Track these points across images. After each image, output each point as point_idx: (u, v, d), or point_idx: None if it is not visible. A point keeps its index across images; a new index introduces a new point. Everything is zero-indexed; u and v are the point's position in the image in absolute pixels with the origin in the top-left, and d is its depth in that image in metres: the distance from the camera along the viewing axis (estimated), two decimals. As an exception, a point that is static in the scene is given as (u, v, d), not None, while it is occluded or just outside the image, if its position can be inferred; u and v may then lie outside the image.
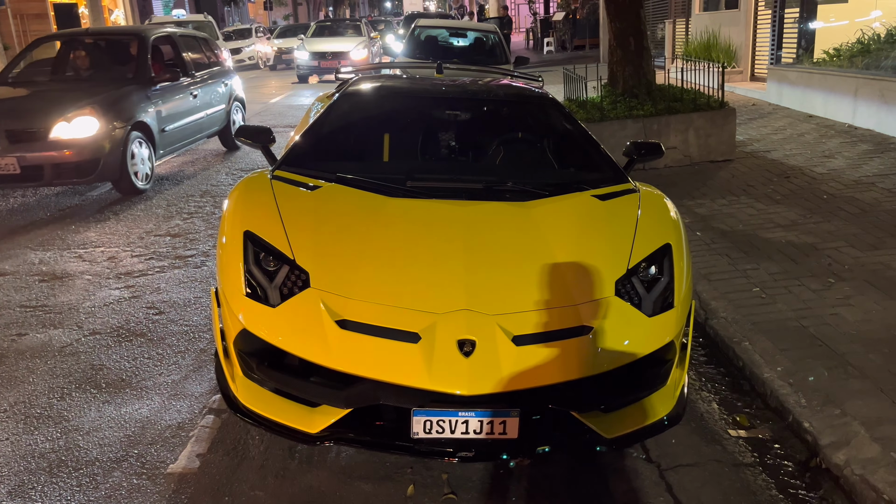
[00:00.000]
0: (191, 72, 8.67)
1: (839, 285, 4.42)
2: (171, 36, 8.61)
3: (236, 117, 9.99)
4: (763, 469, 2.98)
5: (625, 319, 2.79)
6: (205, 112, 8.79)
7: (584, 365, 2.63)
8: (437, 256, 2.94)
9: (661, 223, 3.28)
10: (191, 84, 8.53)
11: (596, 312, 2.76)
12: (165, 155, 7.95)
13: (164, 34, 8.49)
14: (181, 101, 8.18)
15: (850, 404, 3.24)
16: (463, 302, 2.71)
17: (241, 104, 10.26)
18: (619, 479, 2.87)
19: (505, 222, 3.21)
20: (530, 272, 2.91)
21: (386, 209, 3.23)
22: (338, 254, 2.94)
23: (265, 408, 2.78)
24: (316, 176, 3.51)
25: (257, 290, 2.84)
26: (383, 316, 2.69)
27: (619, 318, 2.77)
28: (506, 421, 2.58)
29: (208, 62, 9.47)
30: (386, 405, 2.61)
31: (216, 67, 9.58)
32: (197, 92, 8.59)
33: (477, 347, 2.57)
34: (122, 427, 3.09)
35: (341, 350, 2.61)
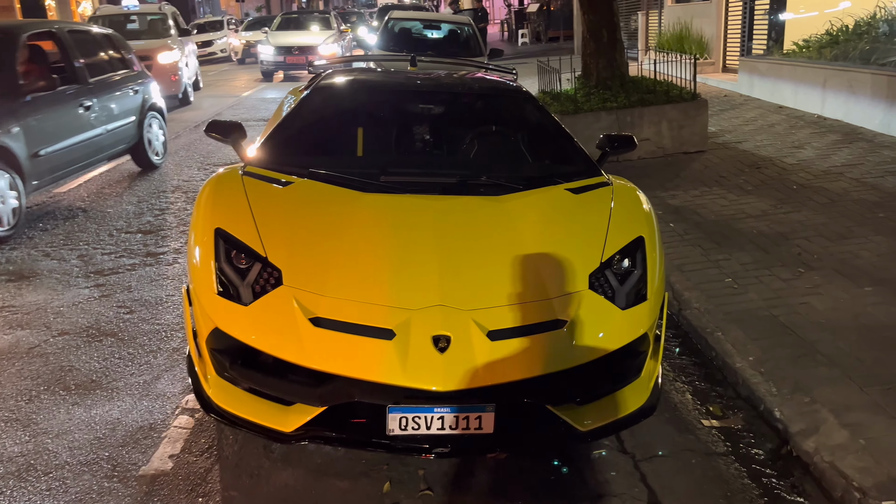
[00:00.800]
0: (83, 78, 6.93)
1: (809, 275, 4.48)
2: (57, 33, 6.89)
3: (153, 132, 8.30)
4: (735, 458, 3.01)
5: (598, 312, 2.80)
6: (104, 127, 7.10)
7: (559, 358, 2.64)
8: (410, 252, 2.93)
9: (633, 216, 3.30)
10: (80, 93, 6.79)
11: (570, 306, 2.77)
12: (43, 185, 6.30)
13: (45, 30, 6.87)
14: (65, 116, 6.51)
15: (819, 392, 3.29)
16: (437, 298, 2.71)
17: (159, 115, 8.52)
18: (594, 470, 2.88)
19: (478, 217, 3.20)
20: (504, 267, 2.91)
21: (359, 205, 3.21)
22: (310, 251, 2.92)
23: (239, 407, 2.75)
24: (288, 171, 3.48)
25: (229, 288, 2.81)
26: (357, 313, 2.68)
27: (592, 311, 2.78)
28: (481, 416, 2.58)
29: (112, 66, 7.75)
30: (361, 402, 2.60)
31: (123, 71, 7.90)
32: (90, 102, 6.88)
33: (452, 343, 2.57)
34: (92, 429, 3.04)
35: (315, 348, 2.60)
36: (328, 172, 3.48)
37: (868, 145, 7.45)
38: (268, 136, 3.88)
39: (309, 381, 2.63)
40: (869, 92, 8.09)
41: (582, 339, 2.69)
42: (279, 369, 2.68)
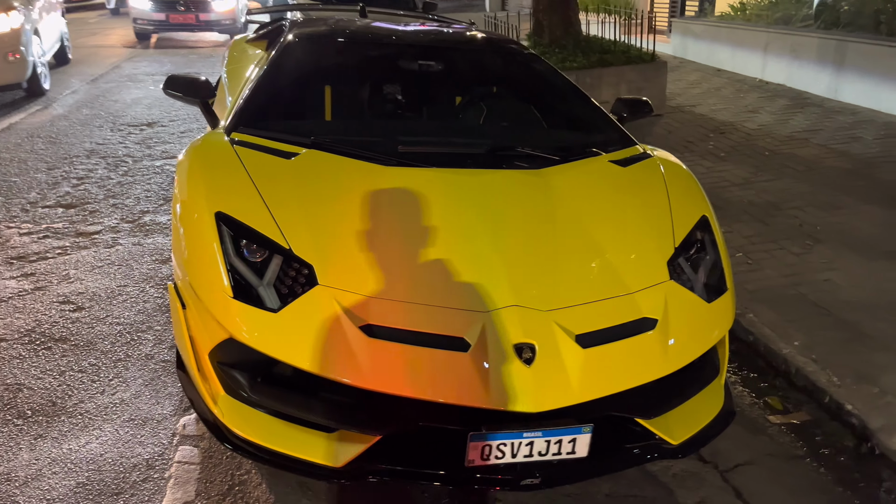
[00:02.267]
0: None
1: (818, 248, 4.30)
2: None
3: None
4: (818, 461, 2.75)
5: (686, 307, 2.43)
6: None
7: (657, 364, 2.25)
8: (464, 240, 2.44)
9: (691, 193, 2.93)
10: None
11: (656, 301, 2.37)
12: None
13: None
14: None
15: (885, 380, 3.07)
16: (510, 296, 2.24)
17: None
18: (684, 488, 2.53)
19: (526, 194, 2.74)
20: (573, 256, 2.48)
21: (384, 181, 2.67)
22: (343, 240, 2.38)
23: (267, 437, 2.22)
24: (285, 140, 2.87)
25: (246, 289, 2.24)
26: (418, 318, 2.19)
27: (680, 306, 2.40)
28: (576, 438, 2.16)
29: None
30: (430, 428, 2.12)
31: None
32: None
33: (538, 352, 2.12)
34: (71, 471, 2.39)
35: (371, 364, 2.09)
36: (336, 141, 2.90)
37: (820, 110, 7.46)
38: (250, 97, 3.21)
39: (358, 403, 2.13)
40: (814, 57, 8.10)
41: (676, 339, 2.31)
42: (316, 389, 2.15)
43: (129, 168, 5.86)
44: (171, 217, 4.71)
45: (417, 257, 2.36)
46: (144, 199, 5.12)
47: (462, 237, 2.45)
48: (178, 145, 6.56)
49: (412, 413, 2.10)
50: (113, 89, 9.21)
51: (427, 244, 2.40)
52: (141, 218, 4.73)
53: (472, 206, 2.60)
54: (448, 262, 2.34)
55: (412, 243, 2.41)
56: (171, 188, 5.36)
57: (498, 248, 2.41)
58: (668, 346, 2.28)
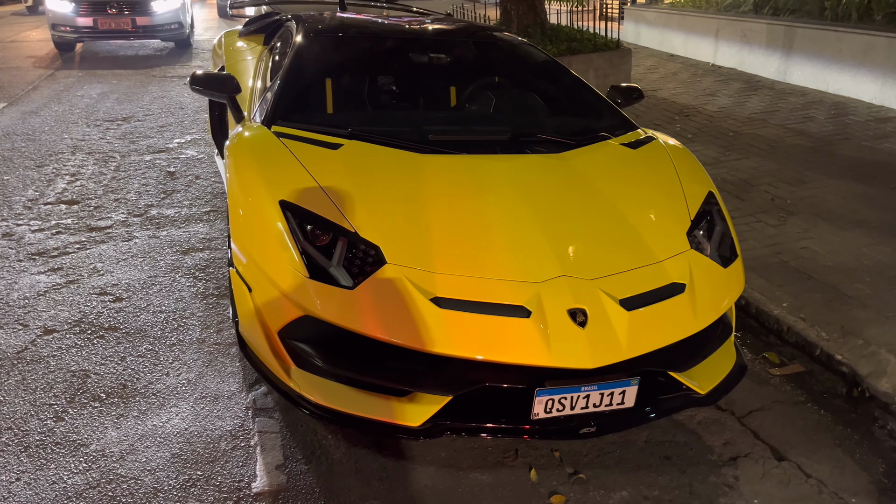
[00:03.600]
0: None
1: (793, 220, 4.70)
2: None
3: None
4: (820, 405, 3.11)
5: (707, 273, 2.74)
6: None
7: (689, 323, 2.56)
8: (508, 219, 2.70)
9: (695, 172, 3.26)
10: None
11: (682, 268, 2.68)
12: None
13: None
14: None
15: (869, 333, 3.46)
16: (558, 268, 2.52)
17: None
18: (710, 433, 2.86)
19: (554, 177, 3.02)
20: (605, 230, 2.77)
21: (425, 168, 2.91)
22: (402, 222, 2.61)
23: (348, 404, 2.44)
24: (324, 132, 3.08)
25: (319, 269, 2.45)
26: (481, 290, 2.44)
27: (702, 272, 2.72)
28: (625, 390, 2.46)
29: None
30: (495, 387, 2.38)
31: None
32: None
33: (590, 316, 2.40)
34: (163, 444, 2.56)
35: (444, 332, 2.33)
36: (372, 132, 3.12)
37: (773, 92, 7.95)
38: (282, 91, 3.39)
39: (428, 369, 2.37)
40: (764, 42, 8.60)
41: (702, 301, 2.62)
42: (382, 359, 2.39)
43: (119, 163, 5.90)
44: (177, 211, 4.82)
45: (471, 235, 2.61)
46: (144, 193, 5.20)
47: (506, 216, 2.71)
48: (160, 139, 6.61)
49: (480, 374, 2.35)
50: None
51: (477, 223, 2.65)
52: (147, 212, 4.83)
53: (509, 187, 2.87)
54: (498, 238, 2.59)
55: (464, 223, 2.65)
56: (167, 182, 5.44)
57: (539, 225, 2.67)
58: (696, 306, 2.59)
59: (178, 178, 5.54)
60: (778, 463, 2.71)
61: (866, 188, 5.20)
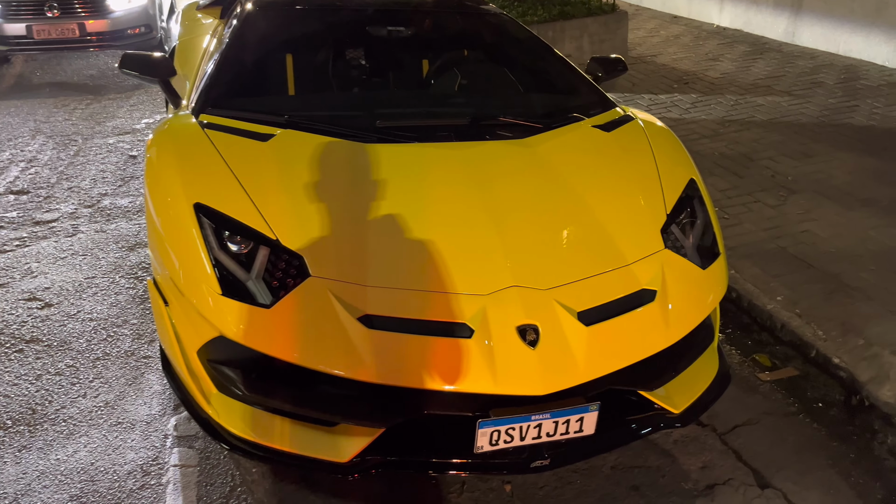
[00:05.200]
0: None
1: (794, 199, 4.32)
2: None
3: None
4: (813, 417, 2.79)
5: (683, 276, 2.41)
6: None
7: (659, 336, 2.24)
8: (456, 219, 2.37)
9: (676, 155, 2.90)
10: None
11: (653, 271, 2.35)
12: None
13: None
14: None
15: (870, 331, 3.12)
16: (509, 277, 2.19)
17: None
18: (686, 454, 2.55)
19: (514, 167, 2.67)
20: (568, 230, 2.43)
21: (367, 160, 2.58)
22: (330, 227, 2.29)
23: (266, 435, 2.16)
24: (258, 120, 2.74)
25: (234, 284, 2.14)
26: (417, 306, 2.13)
27: (677, 275, 2.38)
28: (584, 417, 2.15)
29: None
30: (435, 416, 2.09)
31: None
32: None
33: (542, 334, 2.08)
34: (63, 484, 2.28)
35: (372, 356, 2.03)
36: (312, 119, 2.78)
37: (780, 56, 7.47)
38: (215, 74, 3.04)
39: (360, 395, 2.08)
40: (771, 2, 8.08)
41: (675, 309, 2.29)
42: (314, 382, 2.09)
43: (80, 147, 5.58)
44: (132, 200, 4.52)
45: (411, 241, 2.28)
46: (101, 180, 4.89)
47: (455, 216, 2.38)
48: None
49: (416, 402, 2.06)
50: None
51: (420, 225, 2.33)
52: (100, 202, 4.52)
53: (462, 182, 2.53)
54: (443, 243, 2.27)
55: (404, 226, 2.33)
56: (127, 167, 5.13)
57: (492, 226, 2.34)
58: (668, 316, 2.26)
59: (140, 161, 5.22)
60: (761, 491, 2.39)
61: (876, 161, 4.79)
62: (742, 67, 7.14)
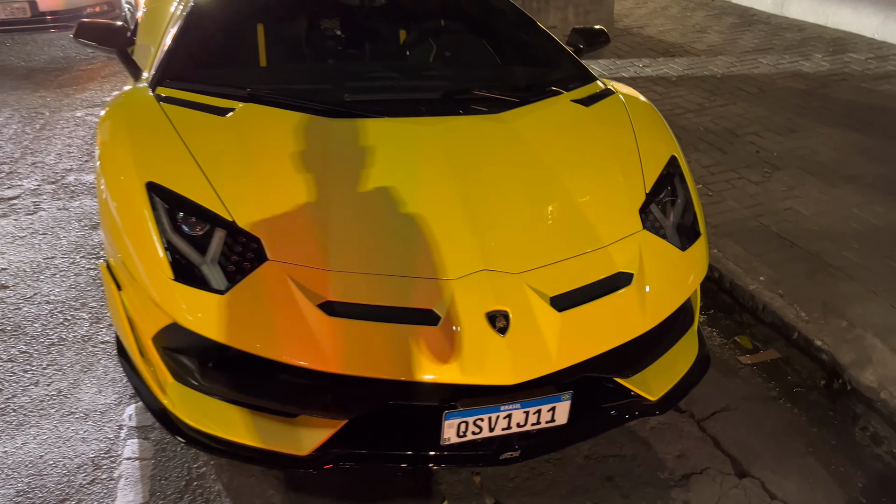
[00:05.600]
0: None
1: (777, 175, 4.22)
2: None
3: None
4: (793, 402, 2.72)
5: (662, 258, 2.31)
6: None
7: (636, 322, 2.14)
8: (425, 200, 2.25)
9: (657, 131, 2.78)
10: None
11: (630, 254, 2.24)
12: None
13: None
14: None
15: (852, 312, 3.04)
16: (478, 260, 2.08)
17: None
18: (663, 442, 2.47)
19: (488, 144, 2.54)
20: (542, 210, 2.32)
21: (332, 136, 2.44)
22: (291, 208, 2.17)
23: (224, 427, 2.06)
24: (218, 93, 2.59)
25: (188, 268, 2.02)
26: (382, 291, 2.02)
27: (655, 257, 2.28)
28: (556, 406, 2.05)
29: None
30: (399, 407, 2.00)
31: None
32: None
33: (512, 320, 1.98)
34: (9, 479, 2.17)
35: (334, 346, 1.93)
36: (275, 92, 2.63)
37: (768, 27, 7.34)
38: (175, 44, 2.88)
39: (321, 385, 1.98)
40: (760, -29, 7.93)
41: (653, 293, 2.20)
42: (274, 371, 1.99)
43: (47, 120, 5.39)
44: (98, 176, 4.35)
45: (376, 222, 2.17)
46: (67, 155, 4.72)
47: (423, 196, 2.25)
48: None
49: (380, 393, 1.96)
50: None
51: (386, 207, 2.21)
52: (64, 178, 4.36)
53: (432, 160, 2.40)
54: (410, 225, 2.16)
55: (369, 207, 2.21)
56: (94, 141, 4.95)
57: (463, 207, 2.23)
58: (645, 301, 2.16)
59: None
60: (738, 480, 2.32)
61: (861, 137, 4.70)
62: (729, 40, 7.00)
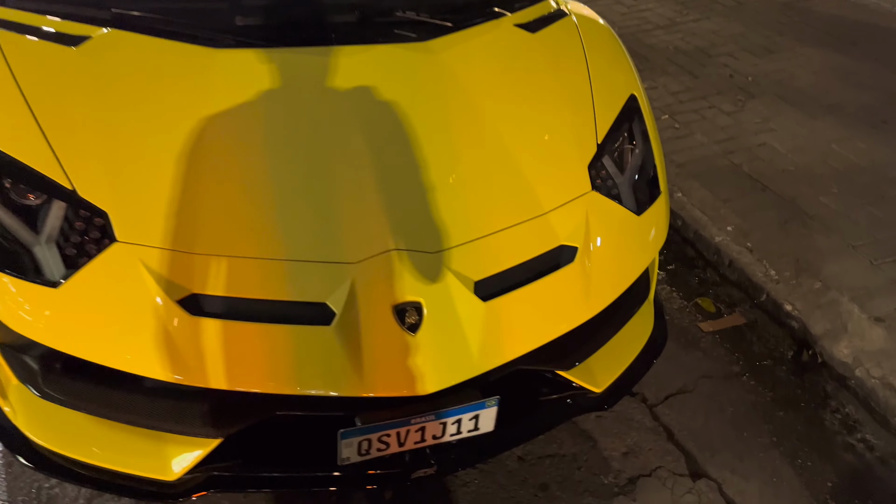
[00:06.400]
0: None
1: (752, 104, 3.80)
2: None
3: None
4: (757, 379, 2.41)
5: (613, 225, 1.93)
6: None
7: (579, 307, 1.78)
8: (323, 158, 1.81)
9: (616, 64, 2.33)
10: None
11: (575, 222, 1.85)
12: None
13: None
14: None
15: (828, 271, 2.71)
16: (386, 237, 1.67)
17: None
18: (609, 435, 2.14)
19: (410, 82, 2.05)
20: (469, 167, 1.89)
21: (215, 75, 1.95)
22: (149, 172, 1.72)
23: (79, 448, 1.68)
24: (69, 14, 2.04)
25: (15, 254, 1.60)
26: (261, 280, 1.62)
27: (605, 224, 1.90)
28: (479, 414, 1.70)
29: None
30: (289, 423, 1.64)
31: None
32: None
33: (426, 314, 1.60)
34: None
35: (197, 353, 1.55)
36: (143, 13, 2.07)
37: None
38: None
39: (185, 397, 1.60)
40: None
41: (601, 271, 1.82)
42: (136, 377, 1.59)
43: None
44: None
45: (260, 190, 1.73)
46: None
47: (322, 154, 1.81)
48: None
49: (262, 406, 1.58)
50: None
51: (273, 169, 1.76)
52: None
53: (338, 106, 1.93)
54: (302, 193, 1.73)
55: (252, 170, 1.76)
56: None
57: (371, 167, 1.79)
58: (591, 280, 1.78)
59: None
60: (693, 483, 2.02)
61: (844, 59, 4.26)
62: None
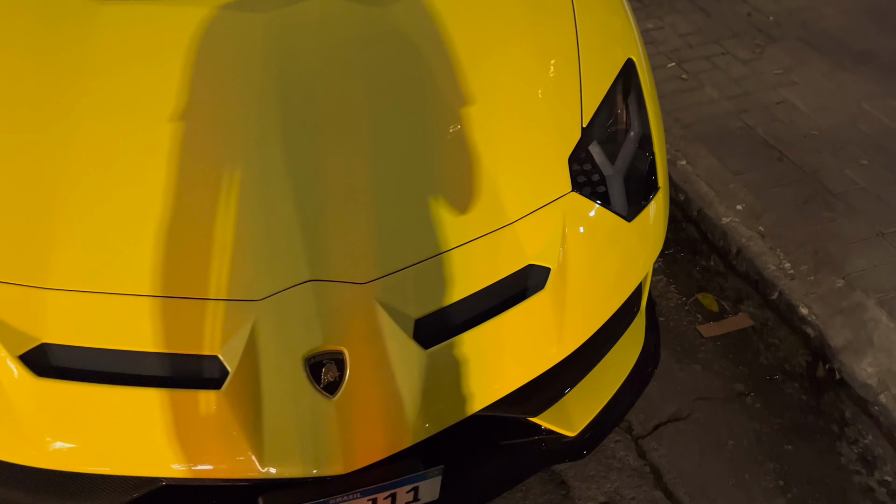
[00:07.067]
0: None
1: (771, 51, 3.31)
2: None
3: None
4: (763, 401, 2.06)
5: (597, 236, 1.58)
6: None
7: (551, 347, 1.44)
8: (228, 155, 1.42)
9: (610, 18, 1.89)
10: None
11: (549, 234, 1.49)
12: None
13: None
14: None
15: (852, 265, 2.33)
16: (303, 263, 1.33)
17: None
18: (584, 479, 1.82)
19: (353, 48, 1.62)
20: (416, 166, 1.49)
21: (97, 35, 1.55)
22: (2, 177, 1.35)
23: None
24: None
25: None
26: (134, 325, 1.29)
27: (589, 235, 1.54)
28: (419, 486, 1.38)
29: None
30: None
31: None
32: None
33: (350, 368, 1.25)
34: None
35: (43, 429, 1.22)
36: None
37: None
38: None
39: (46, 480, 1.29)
40: None
41: (579, 296, 1.46)
42: None
43: None
44: None
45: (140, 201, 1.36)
46: None
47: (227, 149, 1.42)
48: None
49: (136, 484, 1.26)
50: None
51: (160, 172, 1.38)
52: None
53: (256, 82, 1.52)
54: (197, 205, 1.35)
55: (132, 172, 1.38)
56: None
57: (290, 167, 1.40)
58: (566, 311, 1.43)
59: None
60: (680, 548, 1.70)
61: (881, -5, 3.74)
62: None
